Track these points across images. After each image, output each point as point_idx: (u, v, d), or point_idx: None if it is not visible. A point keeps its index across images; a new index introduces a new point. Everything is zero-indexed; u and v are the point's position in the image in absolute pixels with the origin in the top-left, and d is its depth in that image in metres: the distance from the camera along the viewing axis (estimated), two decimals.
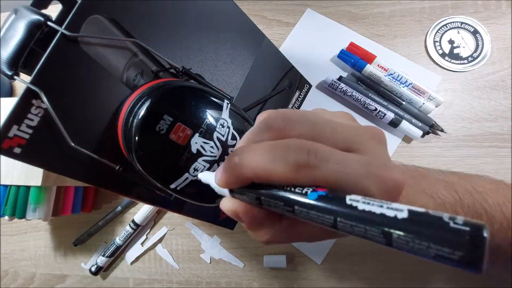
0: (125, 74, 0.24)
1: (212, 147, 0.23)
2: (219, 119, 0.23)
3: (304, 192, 0.14)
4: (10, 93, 0.54)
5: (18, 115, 0.19)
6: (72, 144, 0.21)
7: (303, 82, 0.43)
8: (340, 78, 0.45)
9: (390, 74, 0.44)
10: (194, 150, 0.22)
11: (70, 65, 0.21)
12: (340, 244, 0.44)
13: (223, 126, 0.23)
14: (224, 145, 0.23)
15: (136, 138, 0.21)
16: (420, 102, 0.43)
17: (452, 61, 0.44)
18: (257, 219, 0.17)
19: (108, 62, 0.23)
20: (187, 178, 0.22)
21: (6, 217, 0.39)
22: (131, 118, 0.21)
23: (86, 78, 0.22)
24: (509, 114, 0.42)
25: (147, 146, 0.21)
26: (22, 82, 0.20)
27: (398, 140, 0.44)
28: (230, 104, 0.24)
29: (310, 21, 0.49)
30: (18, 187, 0.39)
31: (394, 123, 0.43)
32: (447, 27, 0.45)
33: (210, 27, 0.29)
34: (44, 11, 0.22)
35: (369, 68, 0.44)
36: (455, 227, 0.10)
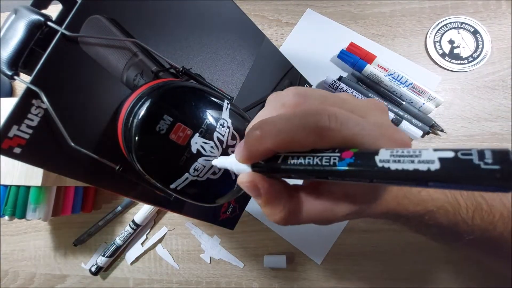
0: (125, 74, 0.24)
1: (212, 147, 0.23)
2: (219, 119, 0.23)
3: (332, 163, 0.14)
4: (10, 93, 0.54)
5: (18, 115, 0.19)
6: (72, 144, 0.21)
7: (303, 82, 0.43)
8: (340, 78, 0.45)
9: (390, 74, 0.44)
10: (194, 150, 0.22)
11: (70, 65, 0.21)
12: (340, 244, 0.44)
13: (223, 126, 0.23)
14: (224, 145, 0.23)
15: (136, 138, 0.21)
16: (420, 102, 0.43)
17: (452, 61, 0.44)
18: (276, 192, 0.17)
19: (108, 62, 0.23)
20: (187, 178, 0.22)
21: (6, 217, 0.39)
22: (131, 118, 0.21)
23: (86, 78, 0.22)
24: (509, 114, 0.42)
25: (147, 146, 0.21)
26: (22, 82, 0.20)
27: None
28: (230, 104, 0.24)
29: (310, 21, 0.49)
30: (18, 187, 0.39)
31: (394, 123, 0.43)
32: (447, 27, 0.45)
33: (210, 27, 0.29)
34: (44, 11, 0.22)
35: (369, 68, 0.44)
36: (486, 167, 0.10)
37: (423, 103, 0.43)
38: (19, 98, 0.19)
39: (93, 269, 0.47)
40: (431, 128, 0.43)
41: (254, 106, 0.35)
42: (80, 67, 0.21)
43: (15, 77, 0.21)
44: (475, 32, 0.44)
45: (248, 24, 0.32)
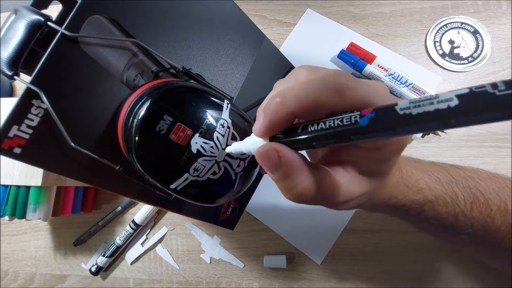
0: (125, 74, 0.24)
1: (212, 147, 0.23)
2: (219, 119, 0.23)
3: (353, 120, 0.14)
4: (10, 93, 0.54)
5: (18, 115, 0.19)
6: (72, 144, 0.21)
7: None
8: None
9: (390, 74, 0.44)
10: (194, 150, 0.22)
11: (70, 65, 0.21)
12: (340, 244, 0.44)
13: (223, 126, 0.23)
14: (225, 145, 0.23)
15: (136, 138, 0.21)
16: None
17: (452, 61, 0.44)
18: (298, 161, 0.16)
19: (108, 62, 0.23)
20: (187, 178, 0.22)
21: (6, 217, 0.39)
22: (131, 118, 0.21)
23: (86, 78, 0.22)
24: None
25: (147, 146, 0.21)
26: (22, 82, 0.20)
27: None
28: (230, 104, 0.24)
29: (310, 21, 0.49)
30: (18, 187, 0.39)
31: None
32: (447, 27, 0.45)
33: (210, 27, 0.29)
34: (44, 11, 0.22)
35: (369, 68, 0.44)
36: (501, 93, 0.10)
37: None
38: (19, 98, 0.19)
39: (93, 269, 0.47)
40: None
41: (254, 106, 0.35)
42: (80, 67, 0.21)
43: (15, 77, 0.21)
44: (475, 32, 0.44)
45: (248, 24, 0.32)
